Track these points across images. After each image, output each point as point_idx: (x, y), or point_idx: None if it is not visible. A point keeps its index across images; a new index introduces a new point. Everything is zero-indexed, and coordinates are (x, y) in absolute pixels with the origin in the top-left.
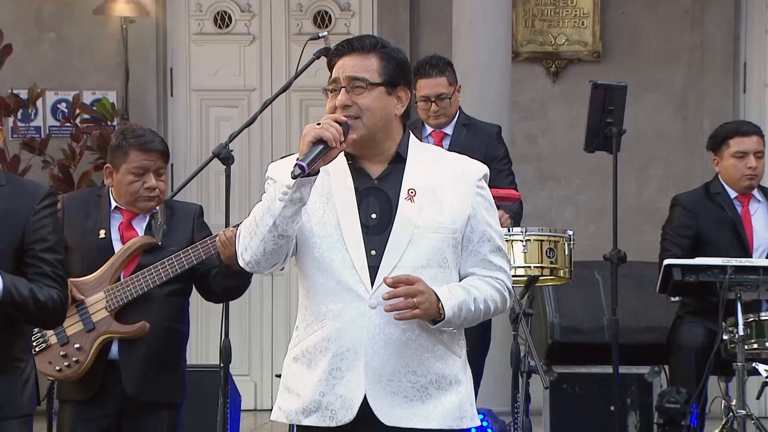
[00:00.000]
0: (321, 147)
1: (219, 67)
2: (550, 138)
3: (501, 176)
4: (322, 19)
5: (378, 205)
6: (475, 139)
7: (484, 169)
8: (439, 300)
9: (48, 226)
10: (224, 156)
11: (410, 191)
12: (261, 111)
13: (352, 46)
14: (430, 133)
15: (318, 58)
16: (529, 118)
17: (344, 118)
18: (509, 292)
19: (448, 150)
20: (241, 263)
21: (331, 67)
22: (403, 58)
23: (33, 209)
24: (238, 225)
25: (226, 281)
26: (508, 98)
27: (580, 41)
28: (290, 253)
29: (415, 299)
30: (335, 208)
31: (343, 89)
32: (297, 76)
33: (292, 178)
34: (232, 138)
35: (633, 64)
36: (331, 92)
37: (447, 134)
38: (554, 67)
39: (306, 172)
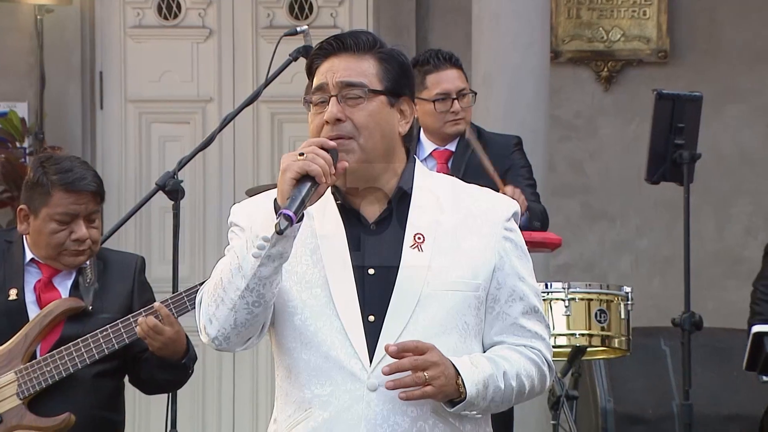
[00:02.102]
0: (308, 185)
1: (164, 70)
2: (601, 164)
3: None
4: (300, 7)
5: (376, 256)
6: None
7: (513, 206)
8: (458, 374)
9: None
10: (171, 188)
11: (417, 237)
12: (220, 129)
13: (343, 43)
14: (431, 153)
15: (295, 59)
16: (574, 138)
17: (332, 143)
18: (549, 366)
19: (451, 173)
20: (205, 339)
21: (312, 73)
22: (407, 62)
23: None
24: (169, 301)
25: (157, 373)
26: (544, 111)
27: (641, 36)
28: (268, 323)
29: (426, 373)
30: (321, 262)
31: (333, 99)
32: (268, 83)
33: (278, 233)
34: (182, 165)
35: (711, 67)
36: (315, 105)
37: (453, 152)
38: (606, 70)
39: (294, 222)
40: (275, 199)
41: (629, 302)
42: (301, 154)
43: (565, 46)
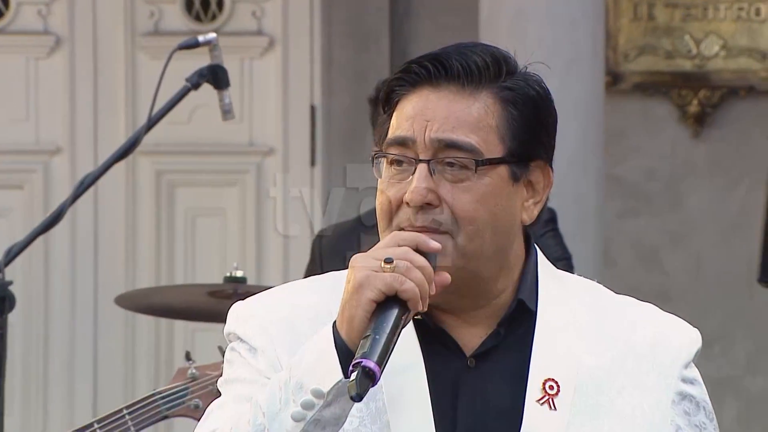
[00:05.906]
0: (395, 314)
1: None
2: (689, 254)
3: None
4: (203, 3)
5: (478, 413)
6: None
7: (694, 340)
8: None
9: None
10: None
11: (549, 385)
12: (75, 198)
13: (446, 68)
14: None
15: (196, 87)
16: (644, 212)
17: (435, 245)
18: None
19: None
20: None
21: (390, 105)
22: (544, 93)
23: None
24: None
25: None
26: (596, 169)
27: (753, 50)
28: None
29: None
30: (385, 414)
31: (422, 166)
32: (151, 125)
33: (355, 399)
34: (11, 257)
35: None
36: (390, 164)
37: None
38: (697, 104)
39: (378, 380)
40: (335, 325)
41: None
42: (389, 261)
43: (629, 65)
